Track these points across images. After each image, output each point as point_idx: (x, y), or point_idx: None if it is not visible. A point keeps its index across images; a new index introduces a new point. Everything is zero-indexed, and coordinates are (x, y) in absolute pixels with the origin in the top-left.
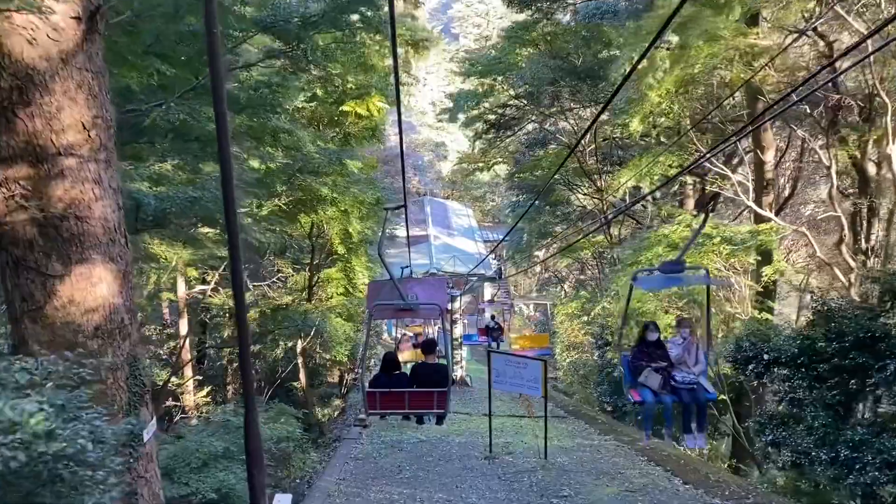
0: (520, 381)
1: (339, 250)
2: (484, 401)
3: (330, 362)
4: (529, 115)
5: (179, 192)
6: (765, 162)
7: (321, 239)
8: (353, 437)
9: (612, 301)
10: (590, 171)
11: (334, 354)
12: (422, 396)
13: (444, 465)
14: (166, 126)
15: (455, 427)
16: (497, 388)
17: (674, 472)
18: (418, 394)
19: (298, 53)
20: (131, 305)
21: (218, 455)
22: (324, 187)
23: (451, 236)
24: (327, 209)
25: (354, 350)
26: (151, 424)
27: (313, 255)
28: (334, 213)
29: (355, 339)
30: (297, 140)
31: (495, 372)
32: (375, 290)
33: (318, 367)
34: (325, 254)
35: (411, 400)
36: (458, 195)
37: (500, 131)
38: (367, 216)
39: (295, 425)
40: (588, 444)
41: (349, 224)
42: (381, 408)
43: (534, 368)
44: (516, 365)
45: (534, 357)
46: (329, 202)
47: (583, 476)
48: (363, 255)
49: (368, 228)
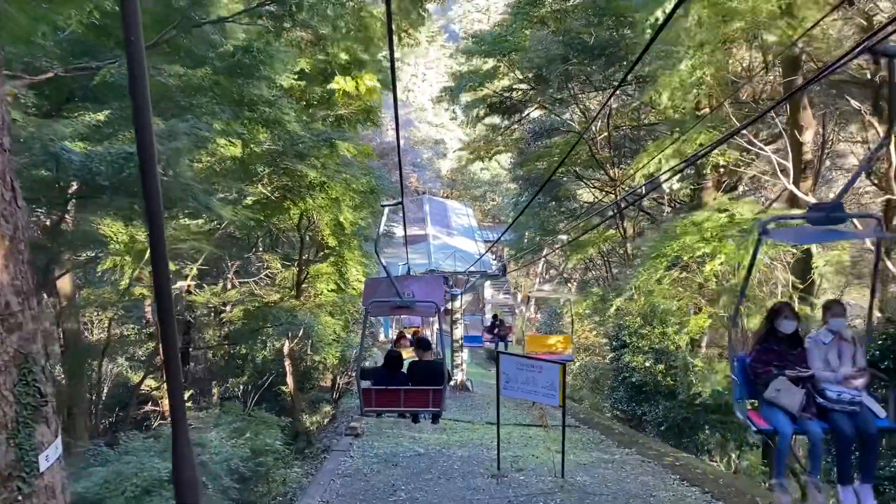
0: (533, 387)
1: (329, 243)
2: (486, 407)
3: (322, 365)
4: (536, 100)
5: (111, 149)
6: (803, 143)
7: (311, 232)
8: (343, 448)
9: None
10: (602, 159)
11: (324, 356)
12: (417, 394)
13: (445, 485)
14: (117, 84)
15: (457, 437)
16: (506, 394)
17: (714, 495)
18: (414, 392)
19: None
20: (24, 286)
21: (164, 480)
22: (311, 170)
23: (451, 236)
24: (316, 197)
25: (346, 352)
26: (54, 447)
27: (302, 248)
28: (324, 202)
29: (347, 340)
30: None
31: (504, 376)
32: (372, 288)
33: (310, 370)
34: (316, 248)
35: (407, 398)
36: (458, 194)
37: (505, 116)
38: (360, 206)
39: (276, 436)
40: (609, 460)
41: (340, 213)
42: (377, 405)
43: (550, 373)
44: (529, 368)
45: (552, 360)
46: (318, 188)
47: (609, 500)
48: (356, 249)
49: (362, 219)
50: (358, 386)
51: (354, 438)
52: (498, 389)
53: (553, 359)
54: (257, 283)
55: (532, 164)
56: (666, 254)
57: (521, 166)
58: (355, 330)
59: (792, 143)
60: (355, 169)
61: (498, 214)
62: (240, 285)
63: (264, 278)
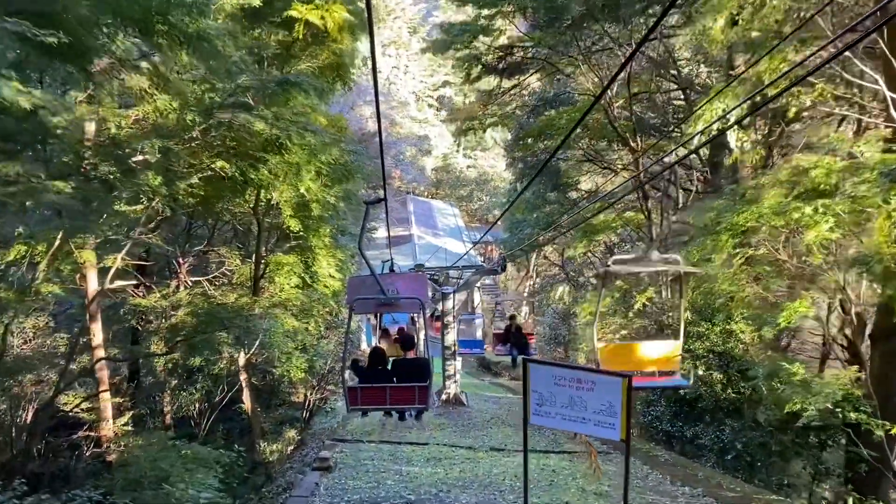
0: (580, 411)
1: (292, 227)
2: (486, 426)
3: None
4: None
5: None
6: None
7: (271, 218)
8: (306, 491)
9: None
10: (623, 129)
11: (287, 369)
12: (403, 391)
13: None
14: None
15: (456, 472)
16: (539, 422)
17: None
18: (399, 389)
19: None
20: None
21: None
22: (259, 121)
23: (437, 236)
24: (269, 161)
25: (318, 363)
26: None
27: (260, 235)
28: (280, 167)
29: (317, 349)
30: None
31: (535, 397)
32: (356, 286)
33: (276, 385)
34: (277, 236)
35: (392, 395)
36: (444, 194)
37: (503, 77)
38: (332, 183)
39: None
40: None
41: (300, 182)
42: (363, 403)
43: (608, 390)
44: (575, 385)
45: (613, 373)
46: (270, 147)
47: None
48: (326, 236)
49: (334, 198)
50: (343, 383)
51: (324, 474)
52: (525, 416)
53: (663, 383)
54: (212, 283)
55: (534, 139)
56: (737, 224)
57: (520, 143)
58: (329, 336)
59: (886, 71)
60: (326, 137)
61: (485, 215)
62: (193, 285)
63: (220, 277)
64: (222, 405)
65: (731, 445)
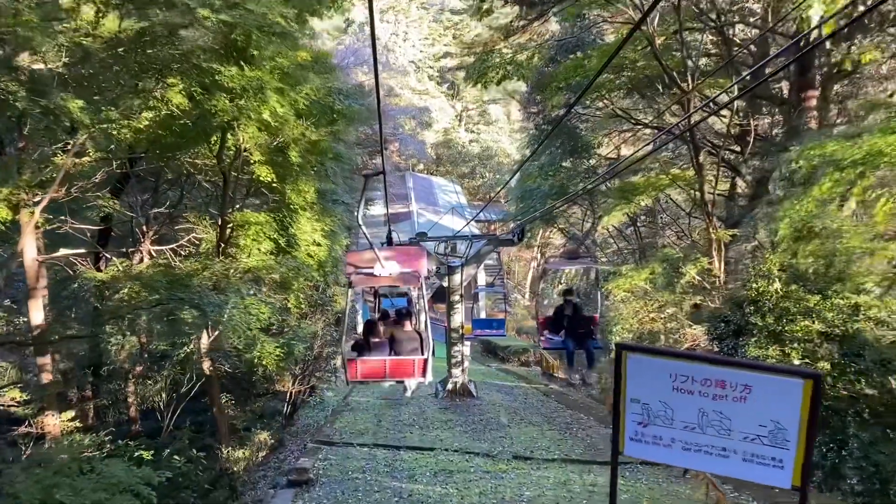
0: (720, 437)
1: (262, 175)
2: (503, 427)
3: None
4: None
5: None
6: None
7: (242, 173)
8: None
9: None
10: (670, 67)
11: (256, 356)
12: (401, 364)
13: None
14: None
15: (475, 495)
16: (638, 453)
17: None
18: (399, 361)
19: None
20: None
21: None
22: (203, 8)
23: (438, 213)
24: (223, 75)
25: (295, 347)
26: None
27: (225, 189)
28: (235, 79)
29: (298, 330)
30: None
31: (636, 409)
32: (354, 259)
33: (252, 374)
34: (248, 191)
35: (392, 368)
36: (445, 171)
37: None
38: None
39: None
40: None
41: (264, 106)
42: (362, 376)
43: (772, 400)
44: (713, 392)
45: (786, 370)
46: (225, 56)
47: None
48: (309, 192)
49: (319, 137)
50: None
51: (301, 489)
52: (616, 447)
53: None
54: (177, 252)
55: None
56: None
57: (540, 93)
58: (313, 317)
59: None
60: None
61: (488, 193)
62: (156, 255)
63: (188, 245)
64: (190, 396)
65: (877, 468)
